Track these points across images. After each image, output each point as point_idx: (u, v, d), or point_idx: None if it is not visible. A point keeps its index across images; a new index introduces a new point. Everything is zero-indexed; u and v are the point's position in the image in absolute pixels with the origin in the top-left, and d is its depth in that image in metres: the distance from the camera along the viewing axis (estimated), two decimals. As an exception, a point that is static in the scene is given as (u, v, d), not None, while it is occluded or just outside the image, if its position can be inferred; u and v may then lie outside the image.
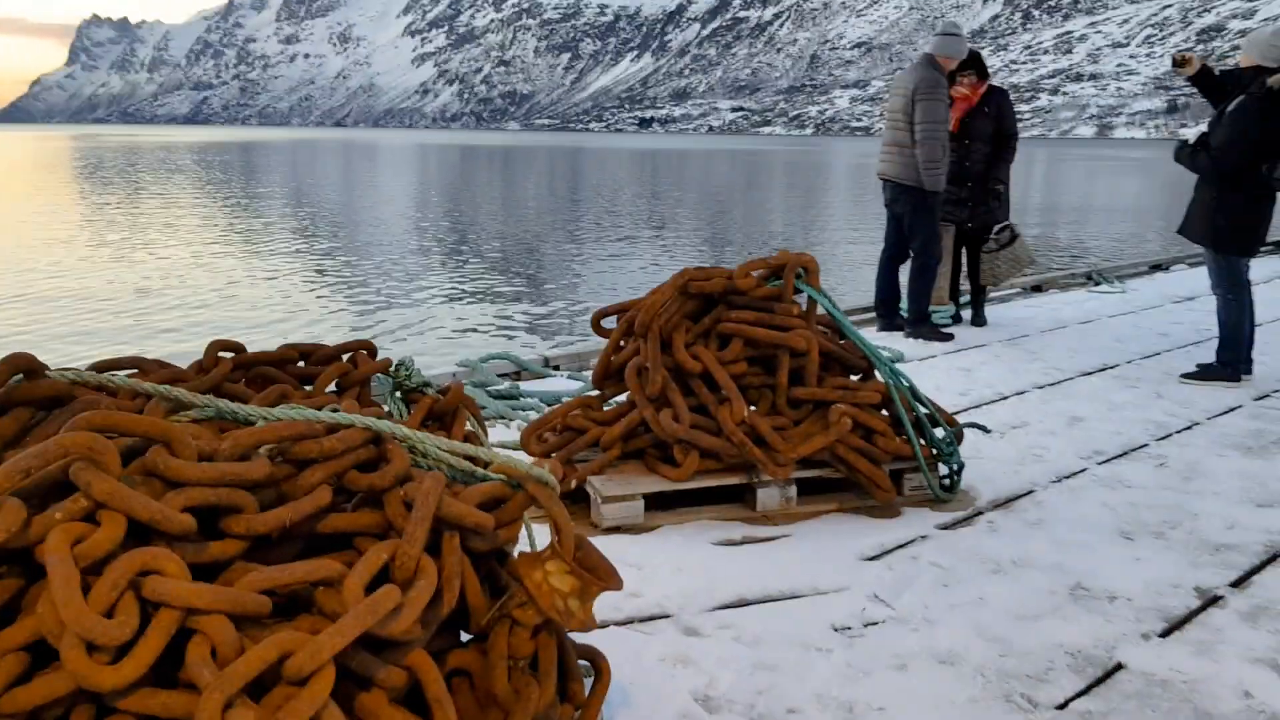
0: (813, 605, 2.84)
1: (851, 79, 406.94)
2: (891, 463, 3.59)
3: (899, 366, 5.83)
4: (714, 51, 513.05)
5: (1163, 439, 4.52)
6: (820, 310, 3.72)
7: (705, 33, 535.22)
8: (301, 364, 2.90)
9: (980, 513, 3.59)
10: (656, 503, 3.43)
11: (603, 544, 3.25)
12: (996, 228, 7.11)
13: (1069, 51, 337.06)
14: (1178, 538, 3.36)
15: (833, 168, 67.30)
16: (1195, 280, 9.57)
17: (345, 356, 2.90)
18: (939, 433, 3.76)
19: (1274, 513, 3.59)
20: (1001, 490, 3.81)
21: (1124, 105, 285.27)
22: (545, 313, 12.17)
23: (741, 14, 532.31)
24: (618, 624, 2.70)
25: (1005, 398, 5.22)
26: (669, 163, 71.02)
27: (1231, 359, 5.52)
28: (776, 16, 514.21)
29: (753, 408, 3.54)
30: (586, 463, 3.51)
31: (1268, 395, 5.31)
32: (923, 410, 3.72)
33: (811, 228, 23.81)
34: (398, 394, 2.96)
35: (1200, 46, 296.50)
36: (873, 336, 6.78)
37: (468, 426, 2.75)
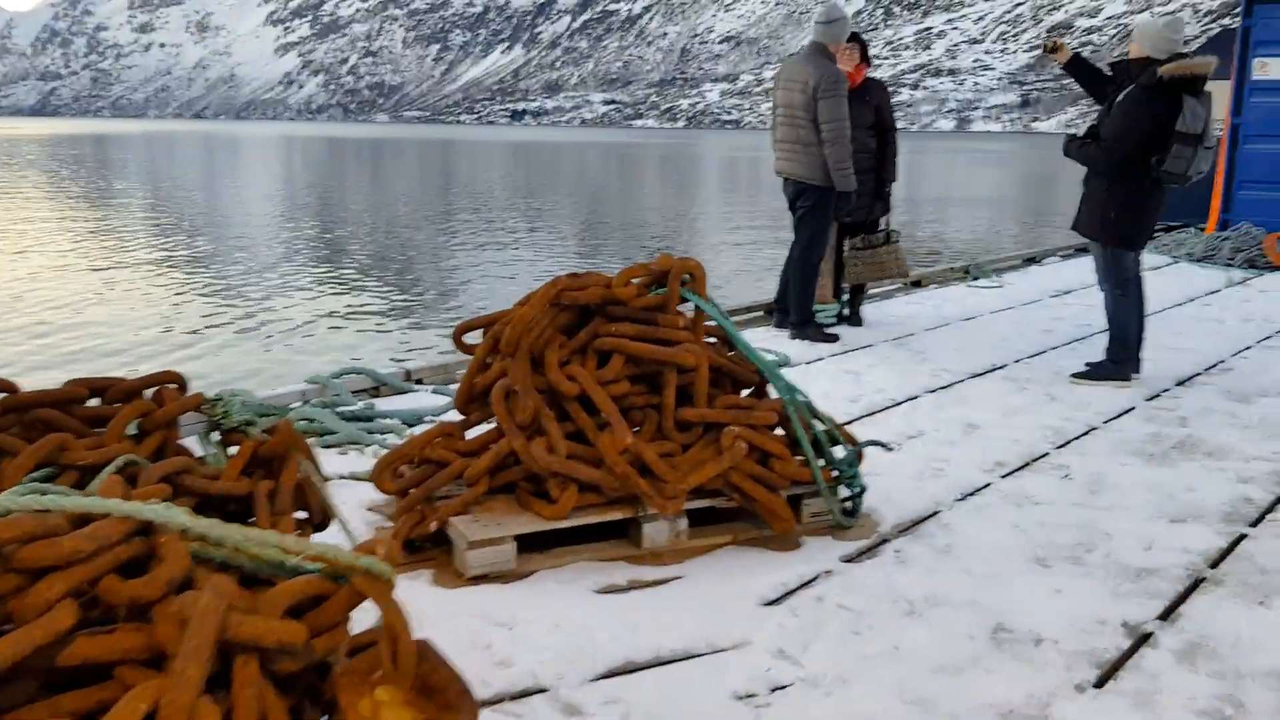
0: (711, 668, 2.47)
1: (721, 72, 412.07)
2: (790, 488, 3.26)
3: (785, 372, 5.58)
4: (585, 44, 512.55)
5: (1062, 446, 4.32)
6: (708, 319, 3.37)
7: (576, 25, 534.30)
8: (97, 401, 2.42)
9: (885, 540, 3.29)
10: (530, 544, 3.01)
11: (468, 596, 2.83)
12: (877, 229, 6.91)
13: (929, 47, 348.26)
14: (1095, 562, 3.12)
15: (706, 160, 67.65)
16: (1070, 273, 9.64)
17: (148, 392, 2.42)
18: (839, 452, 3.45)
19: (1188, 529, 3.40)
20: (905, 511, 3.52)
21: (981, 99, 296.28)
22: (412, 320, 11.40)
23: (611, 7, 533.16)
24: (484, 704, 2.28)
25: (898, 404, 4.97)
26: (543, 156, 70.29)
27: (1122, 357, 5.41)
28: (646, 9, 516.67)
29: (637, 430, 3.16)
30: (449, 500, 3.07)
31: (1159, 395, 5.20)
32: (820, 427, 3.41)
33: (691, 223, 23.64)
34: (214, 435, 2.49)
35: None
36: (756, 338, 6.50)
37: (301, 471, 2.30)
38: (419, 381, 5.16)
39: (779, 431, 3.34)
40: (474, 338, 3.40)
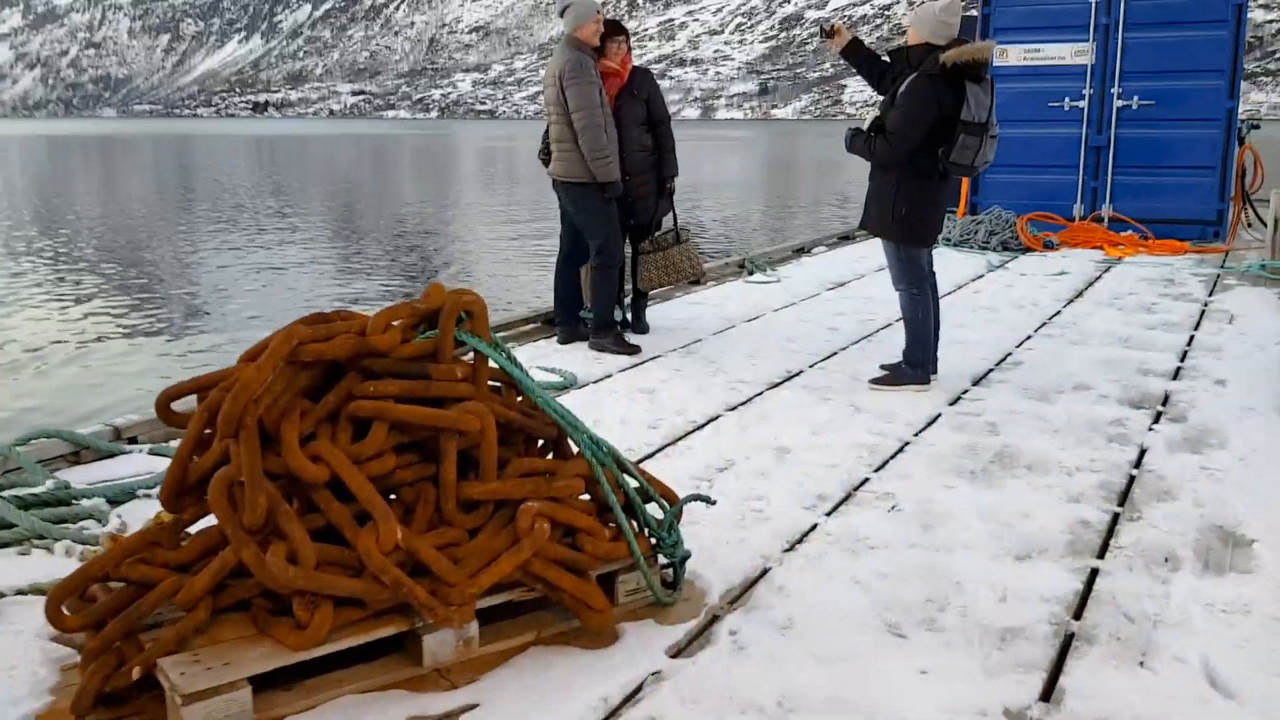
0: None
1: (472, 62, 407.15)
2: (601, 566, 2.68)
3: (574, 395, 5.00)
4: (329, 34, 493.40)
5: (880, 468, 3.96)
6: (493, 365, 2.73)
7: (318, 14, 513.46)
8: None
9: (716, 617, 2.76)
10: (273, 680, 2.30)
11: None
12: (660, 230, 6.44)
13: (672, 38, 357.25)
14: (953, 625, 2.71)
15: (464, 151, 66.20)
16: (840, 263, 9.57)
17: None
18: (654, 510, 2.90)
19: (1037, 570, 3.06)
20: (731, 572, 3.02)
21: (723, 89, 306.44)
22: (139, 363, 9.73)
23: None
24: None
25: (700, 426, 4.50)
26: (290, 150, 66.67)
27: (919, 359, 5.16)
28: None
29: (410, 514, 2.50)
30: (160, 630, 2.31)
31: (959, 398, 4.98)
32: (632, 484, 2.85)
33: (455, 220, 22.67)
34: None
35: (784, 34, 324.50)
36: (537, 353, 5.90)
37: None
38: (133, 440, 4.22)
39: (585, 495, 2.75)
40: (186, 405, 2.61)
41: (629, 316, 6.66)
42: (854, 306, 7.36)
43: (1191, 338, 6.28)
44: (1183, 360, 5.71)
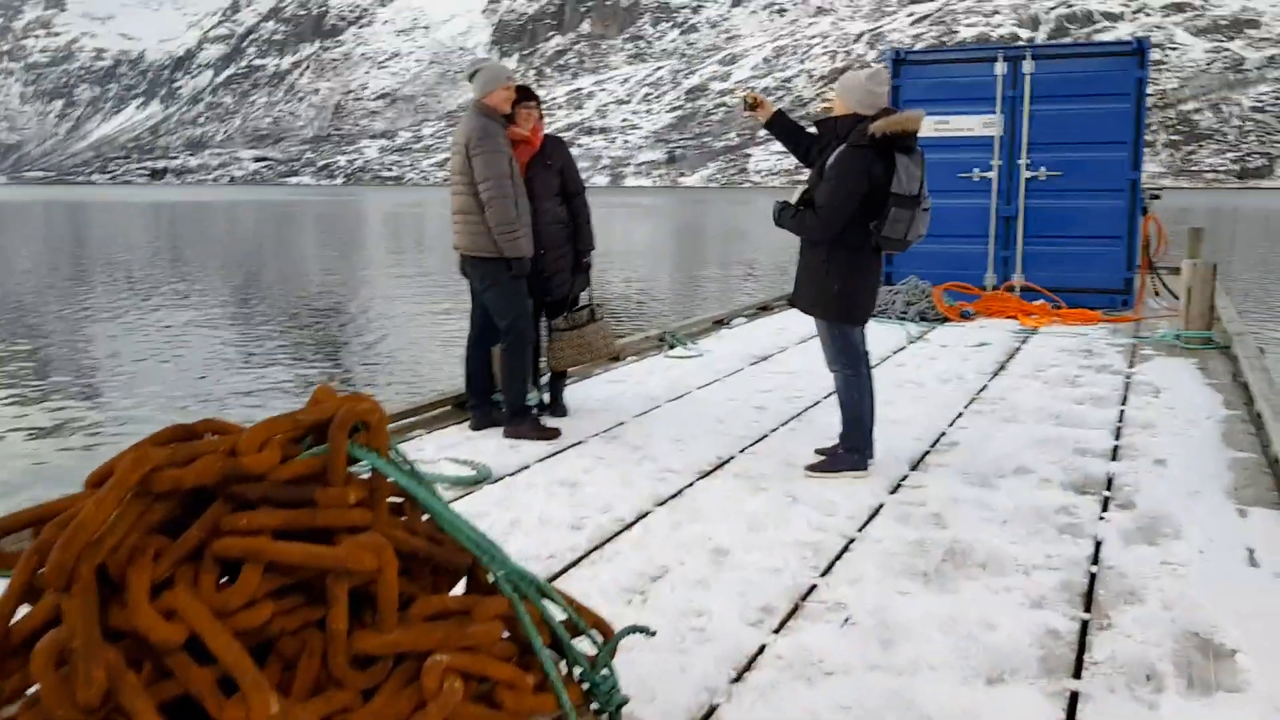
0: None
1: (379, 129, 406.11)
2: (525, 720, 2.27)
3: (487, 490, 4.58)
4: (231, 100, 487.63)
5: (827, 571, 3.63)
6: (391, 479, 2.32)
7: (219, 80, 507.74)
8: None
9: (661, 773, 2.37)
10: None
11: None
12: (575, 307, 6.11)
13: (580, 107, 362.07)
14: (933, 772, 2.37)
15: (371, 218, 65.33)
16: (762, 335, 9.34)
17: None
18: (585, 646, 2.51)
19: (1011, 695, 2.74)
20: (674, 712, 2.63)
21: (631, 156, 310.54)
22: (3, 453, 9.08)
23: (258, 62, 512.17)
24: None
25: (628, 525, 4.12)
26: (189, 217, 64.97)
27: (857, 445, 4.87)
28: (295, 65, 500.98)
29: (289, 672, 2.06)
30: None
31: (899, 486, 4.69)
32: (559, 616, 2.46)
33: (363, 294, 22.04)
34: None
35: (690, 104, 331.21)
36: (447, 442, 5.47)
37: None
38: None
39: (505, 633, 2.35)
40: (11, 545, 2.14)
41: (546, 398, 6.28)
42: (779, 382, 7.10)
43: (1122, 412, 6.14)
44: (1118, 438, 5.54)
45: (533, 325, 5.91)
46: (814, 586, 3.50)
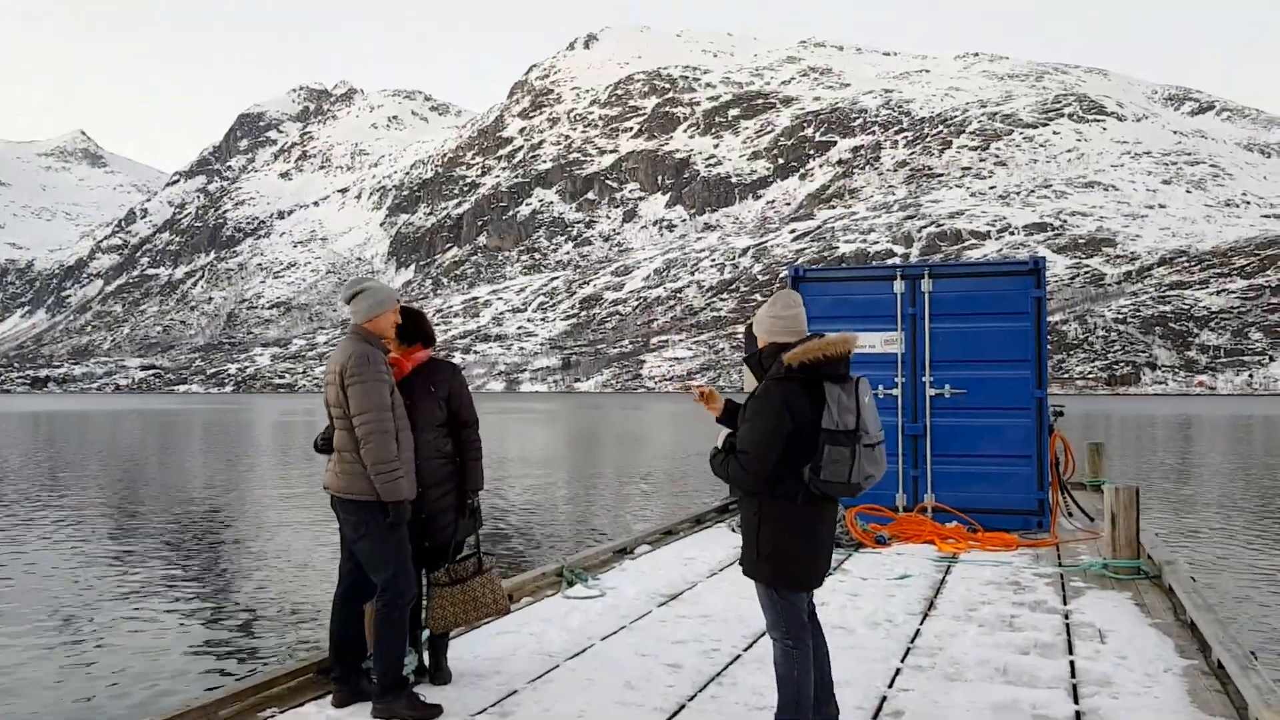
0: None
1: (272, 337, 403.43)
2: None
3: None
4: (120, 308, 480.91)
5: None
6: None
7: (110, 289, 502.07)
8: None
9: None
10: None
11: None
12: (460, 556, 5.37)
13: (476, 315, 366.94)
14: None
15: (258, 426, 63.31)
16: (668, 566, 8.64)
17: None
18: None
19: None
20: None
21: (527, 363, 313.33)
22: None
23: (150, 272, 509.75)
24: None
25: None
26: (68, 426, 61.98)
27: (795, 725, 4.16)
28: (189, 275, 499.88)
29: None
30: None
31: (848, 779, 3.97)
32: None
33: (237, 510, 20.67)
34: None
35: (584, 312, 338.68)
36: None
37: None
38: None
39: None
40: None
41: (425, 660, 5.43)
42: (693, 630, 6.38)
43: (1073, 664, 5.57)
44: (1077, 701, 4.94)
45: (414, 582, 5.12)
46: None
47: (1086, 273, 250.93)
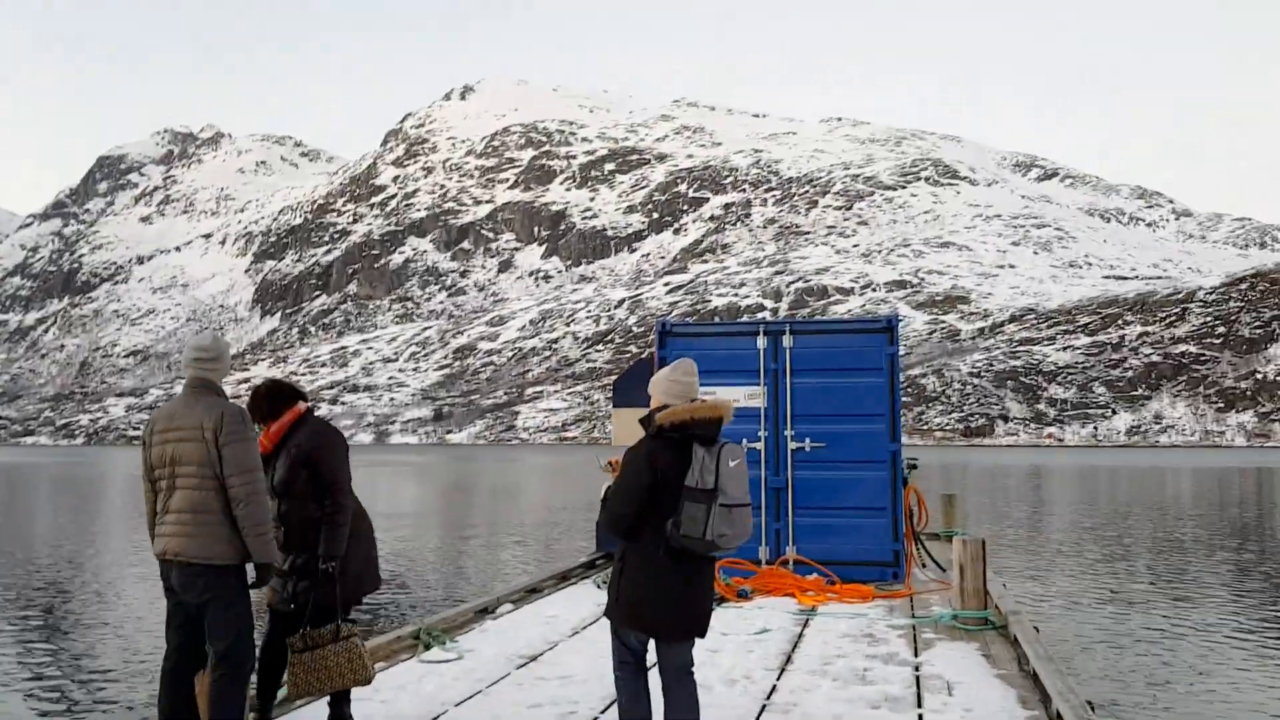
0: None
1: (127, 386, 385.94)
2: None
3: None
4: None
5: None
6: None
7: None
8: None
9: None
10: None
11: None
12: (319, 621, 5.18)
13: (345, 365, 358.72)
14: None
15: (111, 480, 60.22)
16: (529, 626, 8.51)
17: None
18: None
19: None
20: None
21: (398, 414, 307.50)
22: None
23: (1, 318, 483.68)
24: None
25: None
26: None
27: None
28: (40, 322, 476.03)
29: None
30: None
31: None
32: None
33: (82, 568, 19.54)
34: None
35: (457, 362, 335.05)
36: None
37: None
38: None
39: None
40: None
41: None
42: (551, 693, 6.28)
43: (920, 717, 5.69)
44: (923, 753, 5.04)
45: (254, 650, 4.91)
46: None
47: (943, 328, 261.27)
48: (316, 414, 5.48)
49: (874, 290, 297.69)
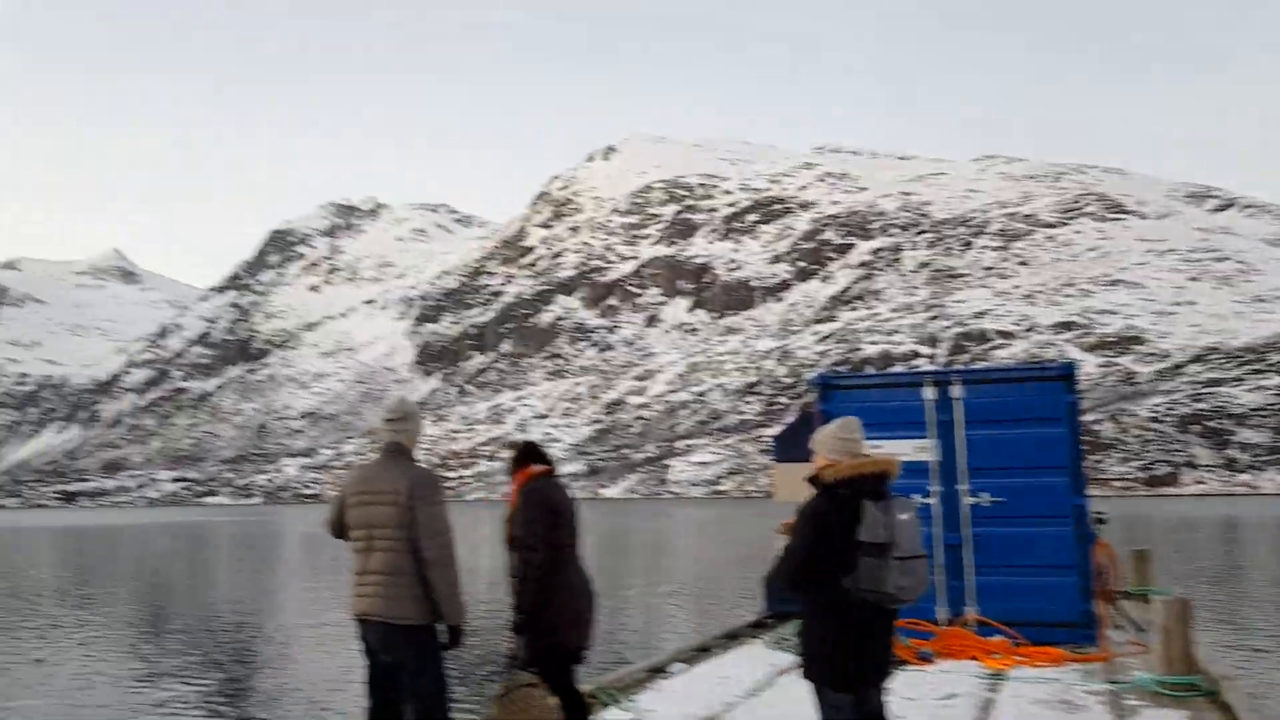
0: None
1: (300, 447, 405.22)
2: None
3: None
4: (152, 421, 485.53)
5: None
6: None
7: (142, 403, 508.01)
8: None
9: None
10: None
11: None
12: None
13: (500, 421, 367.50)
14: None
15: (287, 537, 63.14)
16: (704, 687, 8.40)
17: None
18: None
19: None
20: None
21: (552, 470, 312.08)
22: None
23: (182, 385, 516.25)
24: None
25: None
26: (98, 543, 62.03)
27: None
28: (220, 388, 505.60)
29: None
30: None
31: None
32: None
33: (266, 627, 20.45)
34: None
35: (608, 417, 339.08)
36: None
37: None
38: None
39: None
40: None
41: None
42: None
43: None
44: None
45: (447, 710, 5.02)
46: None
47: (1117, 370, 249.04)
48: (542, 476, 5.63)
49: (1039, 333, 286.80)
